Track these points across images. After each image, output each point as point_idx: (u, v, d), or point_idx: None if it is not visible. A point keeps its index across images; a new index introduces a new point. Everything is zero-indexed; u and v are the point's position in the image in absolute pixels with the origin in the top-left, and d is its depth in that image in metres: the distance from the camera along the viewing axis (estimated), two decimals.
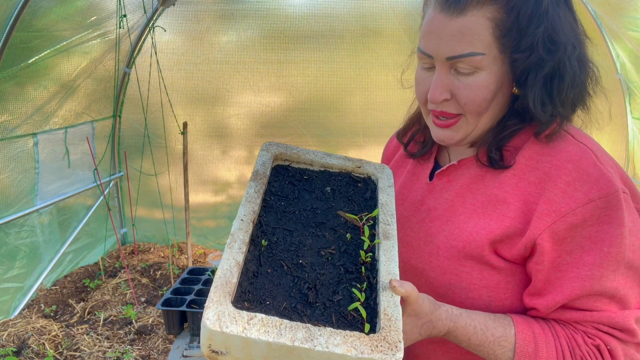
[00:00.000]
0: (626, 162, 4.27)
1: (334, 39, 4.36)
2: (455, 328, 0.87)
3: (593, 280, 0.84)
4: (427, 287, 0.98)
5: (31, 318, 3.47)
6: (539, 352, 0.86)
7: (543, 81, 0.88)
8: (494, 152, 0.94)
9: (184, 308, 1.89)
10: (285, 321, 0.70)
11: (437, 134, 0.98)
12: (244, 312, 0.70)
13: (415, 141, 1.16)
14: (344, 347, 0.68)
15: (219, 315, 0.68)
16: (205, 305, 0.69)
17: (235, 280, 0.75)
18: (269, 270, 0.81)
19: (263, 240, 0.87)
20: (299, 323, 0.70)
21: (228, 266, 0.76)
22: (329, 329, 0.70)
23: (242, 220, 0.86)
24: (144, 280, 4.17)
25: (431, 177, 1.08)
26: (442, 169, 1.05)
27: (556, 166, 0.87)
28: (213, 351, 0.70)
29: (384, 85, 4.43)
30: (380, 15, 4.27)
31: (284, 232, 0.90)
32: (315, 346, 0.67)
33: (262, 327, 0.68)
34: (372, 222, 0.95)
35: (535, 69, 0.87)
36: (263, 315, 0.70)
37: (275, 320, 0.70)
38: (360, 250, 0.88)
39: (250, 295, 0.76)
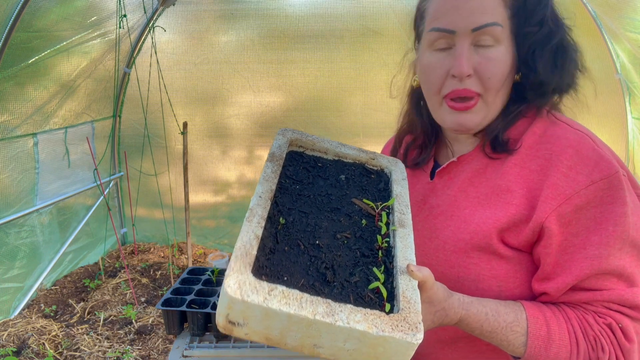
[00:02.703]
0: (626, 162, 4.27)
1: (334, 39, 4.36)
2: (468, 316, 0.87)
3: (601, 259, 0.85)
4: None
5: (31, 318, 3.47)
6: (552, 335, 0.87)
7: (552, 54, 0.93)
8: (501, 134, 0.96)
9: (184, 308, 1.89)
10: (306, 295, 0.69)
11: (456, 119, 0.97)
12: (265, 282, 0.69)
13: (410, 152, 1.17)
14: (365, 324, 0.67)
15: (240, 283, 0.67)
16: (226, 274, 0.68)
17: (254, 252, 0.74)
18: (286, 248, 0.81)
19: (281, 218, 0.86)
20: (319, 298, 0.69)
21: (248, 238, 0.75)
22: (349, 305, 0.70)
23: (260, 197, 0.85)
24: (144, 280, 4.17)
25: (432, 176, 1.09)
26: (442, 166, 1.06)
27: (557, 152, 0.89)
28: (230, 322, 0.69)
29: (384, 85, 4.43)
30: (380, 15, 4.27)
31: (300, 213, 0.90)
32: (336, 321, 0.67)
33: (283, 299, 0.67)
34: (387, 211, 0.95)
35: (544, 42, 0.93)
36: (284, 287, 0.69)
37: (296, 293, 0.69)
38: (377, 235, 0.88)
39: (268, 270, 0.75)
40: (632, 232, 0.86)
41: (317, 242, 0.84)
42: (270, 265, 0.76)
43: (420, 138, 1.15)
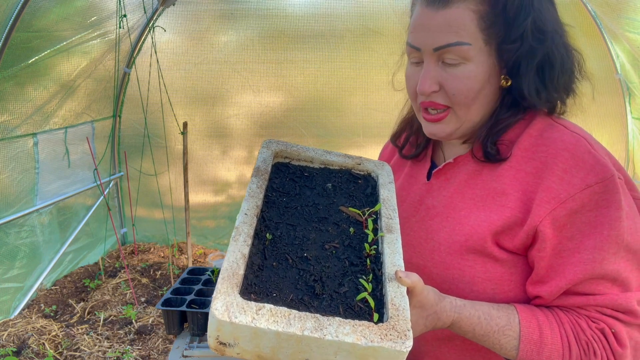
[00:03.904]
0: (626, 162, 4.27)
1: (334, 39, 4.36)
2: (460, 319, 0.87)
3: (595, 263, 0.84)
4: (430, 283, 0.98)
5: (31, 318, 3.47)
6: (544, 339, 0.87)
7: (535, 69, 0.91)
8: (490, 146, 0.96)
9: (184, 308, 1.89)
10: (294, 311, 0.70)
11: (428, 128, 1.00)
12: (252, 302, 0.70)
13: (410, 144, 1.17)
14: (354, 336, 0.68)
15: (228, 305, 0.68)
16: (213, 296, 0.69)
17: (241, 272, 0.75)
18: (274, 264, 0.82)
19: (267, 234, 0.87)
20: (307, 313, 0.70)
21: (234, 258, 0.76)
22: (337, 318, 0.70)
23: (246, 214, 0.86)
24: (144, 280, 4.17)
25: (429, 177, 1.09)
26: (438, 167, 1.06)
27: (552, 155, 0.89)
28: (221, 343, 0.69)
29: (384, 85, 4.42)
30: (380, 15, 4.27)
31: (288, 226, 0.90)
32: (324, 335, 0.67)
33: (271, 317, 0.68)
34: (374, 217, 0.95)
35: (527, 58, 0.90)
36: (272, 306, 0.70)
37: (284, 310, 0.69)
38: (365, 243, 0.88)
39: (257, 288, 0.76)
40: (627, 237, 0.85)
41: (305, 254, 0.84)
42: (259, 283, 0.77)
43: (417, 135, 1.15)
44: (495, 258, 0.92)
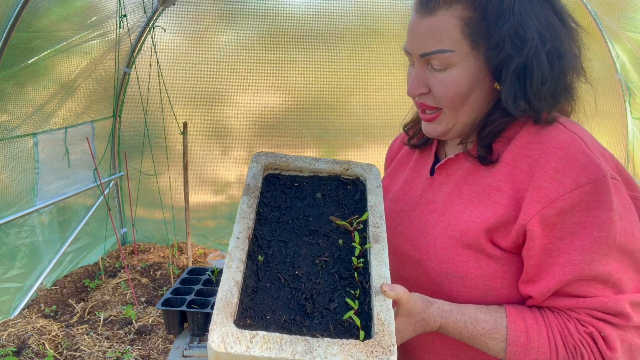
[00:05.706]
0: (626, 162, 4.27)
1: (334, 39, 4.36)
2: (447, 324, 0.90)
3: (583, 264, 0.84)
4: (425, 277, 1.00)
5: (31, 318, 3.47)
6: (531, 343, 0.88)
7: (514, 77, 0.91)
8: (480, 149, 0.97)
9: (184, 308, 1.89)
10: (285, 336, 0.74)
11: (423, 126, 1.05)
12: (247, 331, 0.74)
13: (418, 137, 1.20)
14: (342, 356, 0.72)
15: (223, 336, 0.72)
16: (210, 327, 0.73)
17: (235, 300, 0.79)
18: (268, 285, 0.85)
19: (260, 256, 0.90)
20: (298, 336, 0.74)
21: (228, 287, 0.80)
22: (326, 339, 0.74)
23: (237, 238, 0.89)
24: (144, 280, 4.18)
25: (432, 172, 1.10)
26: (440, 163, 1.07)
27: (545, 153, 0.89)
28: None
29: (384, 85, 4.42)
30: (380, 15, 4.27)
31: (279, 243, 0.93)
32: (314, 358, 0.71)
33: (264, 344, 0.72)
34: (362, 226, 0.98)
35: (506, 65, 0.90)
36: (264, 333, 0.74)
37: (275, 336, 0.74)
38: (352, 257, 0.91)
39: (252, 311, 0.80)
40: (620, 238, 0.84)
41: (296, 272, 0.88)
42: (254, 306, 0.81)
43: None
44: (489, 255, 0.93)
